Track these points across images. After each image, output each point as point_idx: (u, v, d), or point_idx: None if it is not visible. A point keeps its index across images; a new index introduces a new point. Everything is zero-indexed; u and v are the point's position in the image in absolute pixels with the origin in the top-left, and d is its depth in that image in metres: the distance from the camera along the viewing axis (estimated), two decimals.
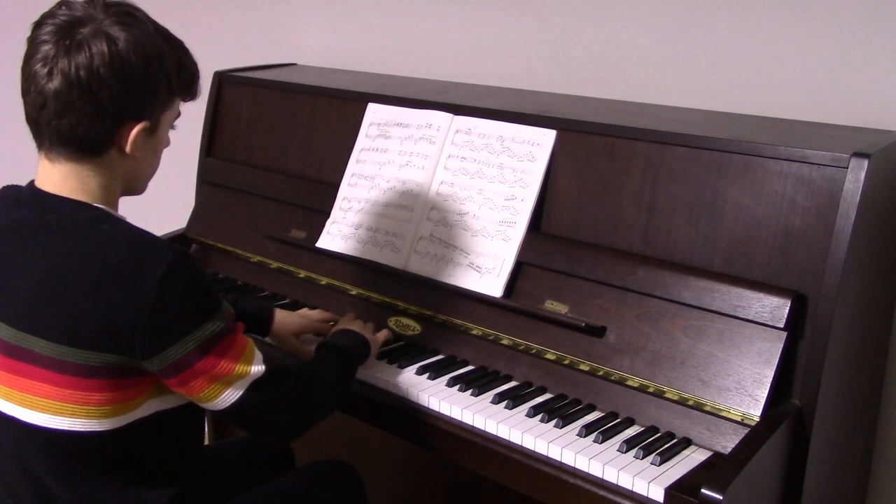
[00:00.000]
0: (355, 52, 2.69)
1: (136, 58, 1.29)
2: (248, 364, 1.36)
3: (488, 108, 1.90)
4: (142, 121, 1.34)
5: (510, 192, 1.80)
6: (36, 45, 1.30)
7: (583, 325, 1.64)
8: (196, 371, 1.31)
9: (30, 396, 1.31)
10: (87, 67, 1.26)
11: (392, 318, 1.89)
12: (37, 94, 1.29)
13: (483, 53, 2.42)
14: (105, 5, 1.32)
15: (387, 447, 2.32)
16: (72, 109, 1.28)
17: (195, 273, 1.32)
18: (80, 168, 1.33)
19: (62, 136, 1.30)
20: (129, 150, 1.34)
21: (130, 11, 1.33)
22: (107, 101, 1.28)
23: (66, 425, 1.30)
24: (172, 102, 1.40)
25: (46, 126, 1.30)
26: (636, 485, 1.39)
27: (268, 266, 2.15)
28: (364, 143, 2.06)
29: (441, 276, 1.84)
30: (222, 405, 1.35)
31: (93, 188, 1.35)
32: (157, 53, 1.32)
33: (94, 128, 1.30)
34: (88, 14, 1.30)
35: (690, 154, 1.63)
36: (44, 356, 1.29)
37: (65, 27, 1.28)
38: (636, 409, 1.57)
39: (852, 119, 1.83)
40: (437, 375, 1.70)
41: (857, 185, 1.43)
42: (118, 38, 1.28)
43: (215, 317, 1.32)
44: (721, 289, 1.54)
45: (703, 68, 2.06)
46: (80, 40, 1.27)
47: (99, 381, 1.29)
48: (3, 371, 1.34)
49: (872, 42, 1.83)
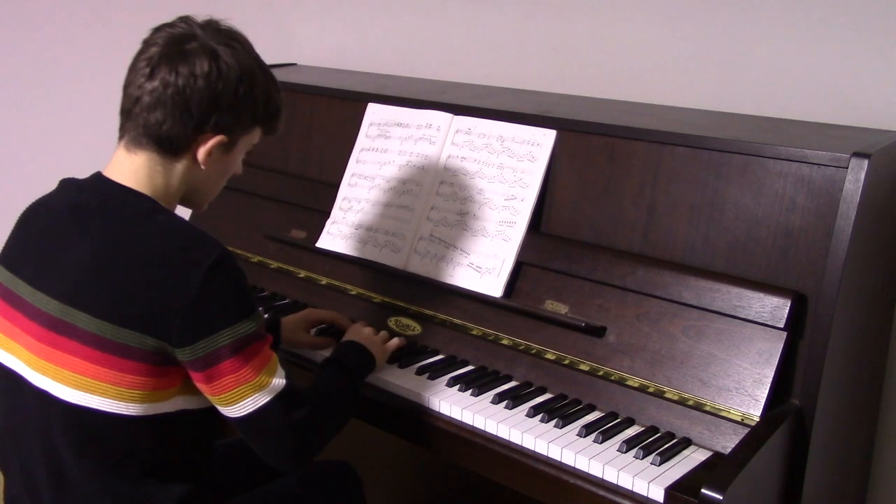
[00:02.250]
0: (355, 52, 2.69)
1: (231, 77, 1.40)
2: (271, 375, 1.39)
3: (488, 108, 1.90)
4: (221, 134, 1.42)
5: (510, 191, 1.80)
6: (147, 46, 1.41)
7: (583, 325, 1.64)
8: (222, 370, 1.35)
9: (65, 371, 1.35)
10: (186, 75, 1.37)
11: (392, 318, 1.89)
12: (136, 88, 1.39)
13: (483, 53, 2.42)
14: (218, 30, 1.43)
15: (386, 447, 2.32)
16: (162, 106, 1.38)
17: (238, 273, 1.38)
18: (153, 164, 1.42)
19: (148, 128, 1.39)
20: (202, 159, 1.43)
21: (237, 37, 1.45)
22: (194, 107, 1.38)
23: (94, 403, 1.34)
24: (253, 129, 1.48)
25: (137, 116, 1.40)
26: (636, 485, 1.39)
27: (268, 266, 2.15)
28: (364, 143, 2.06)
29: (441, 276, 1.84)
30: (242, 412, 1.38)
31: (157, 185, 1.43)
32: (250, 79, 1.42)
33: (177, 128, 1.39)
34: (202, 33, 1.41)
35: (690, 154, 1.63)
36: (85, 332, 1.34)
37: (177, 38, 1.40)
38: (636, 409, 1.57)
39: (852, 119, 1.83)
40: (437, 375, 1.70)
41: (857, 185, 1.43)
42: (221, 56, 1.39)
43: (250, 318, 1.37)
44: (721, 289, 1.54)
45: (703, 68, 2.06)
46: (186, 51, 1.38)
47: (134, 363, 1.33)
48: (43, 344, 1.38)
49: (872, 42, 1.83)
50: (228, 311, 1.35)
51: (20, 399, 1.41)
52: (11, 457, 1.46)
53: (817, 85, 1.91)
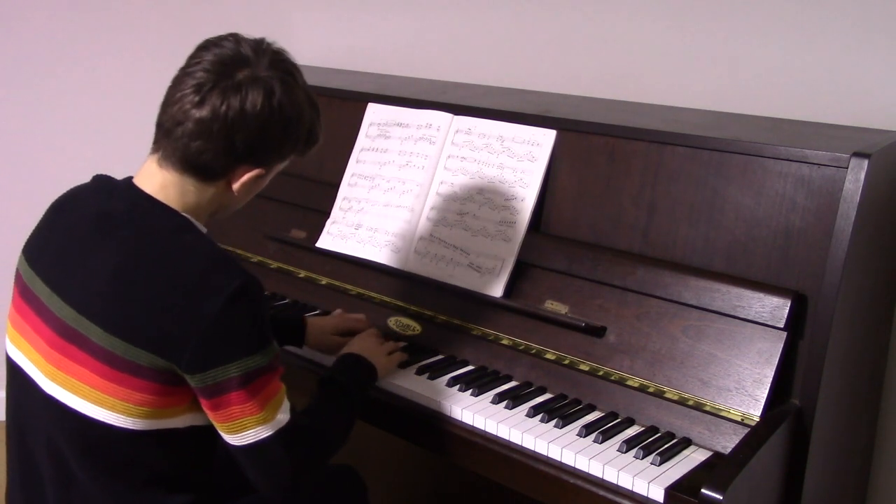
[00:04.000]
0: (355, 52, 2.69)
1: (282, 116, 1.36)
2: (275, 410, 1.36)
3: (488, 108, 1.90)
4: (259, 167, 1.39)
5: (510, 192, 1.80)
6: (194, 66, 1.35)
7: (583, 325, 1.64)
8: (230, 400, 1.32)
9: (75, 381, 1.34)
10: (238, 110, 1.32)
11: (392, 318, 1.89)
12: (180, 113, 1.33)
13: (483, 53, 2.42)
14: (271, 57, 1.37)
15: (386, 447, 2.32)
16: (206, 137, 1.33)
17: (259, 304, 1.34)
18: (185, 182, 1.38)
19: (187, 154, 1.35)
20: (236, 189, 1.40)
21: (291, 71, 1.40)
22: (240, 142, 1.34)
23: (101, 416, 1.33)
24: (289, 157, 1.46)
25: (177, 140, 1.34)
26: (636, 485, 1.39)
27: (268, 266, 2.15)
28: (364, 143, 2.06)
29: (441, 276, 1.84)
30: (243, 441, 1.35)
31: (188, 202, 1.39)
32: (299, 117, 1.39)
33: (218, 160, 1.35)
34: (253, 59, 1.35)
35: (690, 154, 1.63)
36: (97, 346, 1.32)
37: (228, 62, 1.34)
38: (636, 409, 1.57)
39: (852, 119, 1.83)
40: (436, 375, 1.70)
41: (857, 185, 1.43)
42: (275, 93, 1.34)
43: (264, 352, 1.34)
44: (721, 289, 1.54)
45: (703, 68, 2.06)
46: (239, 82, 1.32)
47: (144, 381, 1.31)
48: (56, 352, 1.36)
49: (872, 42, 1.83)
50: (243, 343, 1.32)
51: (29, 397, 1.41)
52: (17, 449, 1.45)
53: (817, 85, 1.91)
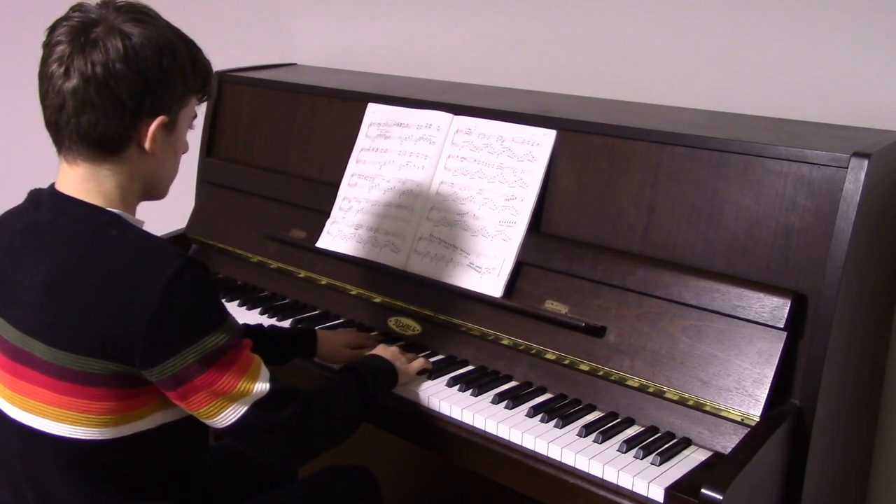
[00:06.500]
0: (355, 52, 2.69)
1: (151, 51, 1.30)
2: (252, 381, 1.32)
3: (488, 108, 1.90)
4: (160, 115, 1.33)
5: (510, 191, 1.80)
6: (51, 47, 1.30)
7: (583, 325, 1.64)
8: (196, 386, 1.28)
9: (31, 401, 1.31)
10: (103, 63, 1.27)
11: (392, 318, 1.89)
12: (55, 95, 1.29)
13: (483, 53, 2.42)
14: (117, 6, 1.33)
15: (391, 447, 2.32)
16: (91, 106, 1.28)
17: (201, 283, 1.29)
18: (99, 169, 1.33)
19: (82, 134, 1.30)
20: (149, 147, 1.34)
21: (142, 9, 1.34)
22: (124, 95, 1.29)
23: (66, 432, 1.29)
24: (188, 99, 1.39)
25: (66, 125, 1.30)
26: (636, 485, 1.40)
27: (268, 266, 2.15)
28: (364, 143, 2.06)
29: (441, 276, 1.84)
30: (224, 423, 1.32)
31: (110, 190, 1.34)
32: (170, 48, 1.32)
33: (113, 124, 1.30)
34: (102, 15, 1.31)
35: (691, 154, 1.63)
36: (43, 361, 1.28)
37: (79, 28, 1.29)
38: (636, 409, 1.57)
39: (852, 119, 1.83)
40: (436, 375, 1.70)
41: (857, 185, 1.43)
42: (132, 33, 1.29)
43: (219, 330, 1.29)
44: (721, 289, 1.54)
45: (703, 68, 2.06)
46: (94, 38, 1.28)
47: (100, 389, 1.27)
48: (7, 374, 1.33)
49: (872, 42, 1.83)
50: (193, 327, 1.27)
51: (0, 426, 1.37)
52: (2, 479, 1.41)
53: (817, 85, 1.90)
